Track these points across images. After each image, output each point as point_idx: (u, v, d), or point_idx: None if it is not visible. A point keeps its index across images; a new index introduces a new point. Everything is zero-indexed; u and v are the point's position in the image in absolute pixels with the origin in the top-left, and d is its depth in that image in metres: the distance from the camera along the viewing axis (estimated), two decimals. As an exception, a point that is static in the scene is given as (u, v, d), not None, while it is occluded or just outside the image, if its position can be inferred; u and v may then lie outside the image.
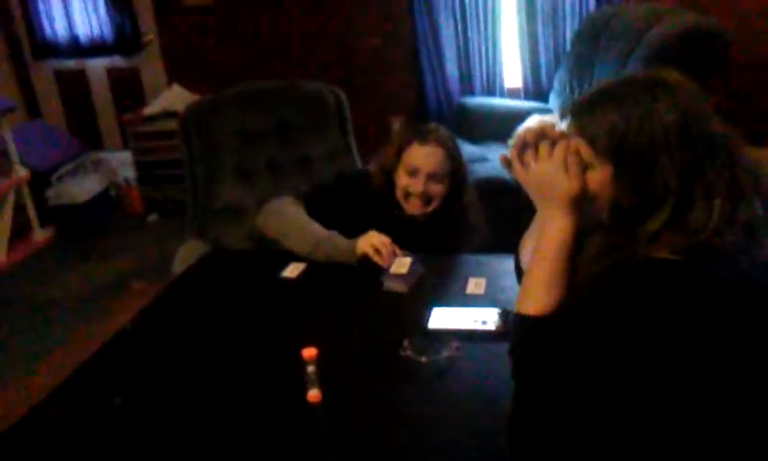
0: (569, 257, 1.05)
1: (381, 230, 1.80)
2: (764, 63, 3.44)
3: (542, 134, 1.08)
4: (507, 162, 1.11)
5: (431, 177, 1.86)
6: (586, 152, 1.02)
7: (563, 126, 1.08)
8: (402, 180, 1.89)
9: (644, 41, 2.98)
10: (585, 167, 1.03)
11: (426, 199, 1.88)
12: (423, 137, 1.88)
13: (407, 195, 1.89)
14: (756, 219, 0.97)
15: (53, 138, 4.62)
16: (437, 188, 1.88)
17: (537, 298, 1.04)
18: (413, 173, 1.87)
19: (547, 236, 1.06)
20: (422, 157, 1.86)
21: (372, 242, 1.75)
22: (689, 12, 3.07)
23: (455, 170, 1.91)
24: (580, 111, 1.05)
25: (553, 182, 1.05)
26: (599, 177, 1.02)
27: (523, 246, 1.30)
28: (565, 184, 1.04)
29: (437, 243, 1.90)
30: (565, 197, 1.05)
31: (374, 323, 1.55)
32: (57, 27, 4.84)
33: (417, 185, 1.86)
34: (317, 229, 1.85)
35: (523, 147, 1.09)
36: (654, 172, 0.96)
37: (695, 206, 0.95)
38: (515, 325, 1.08)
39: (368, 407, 1.24)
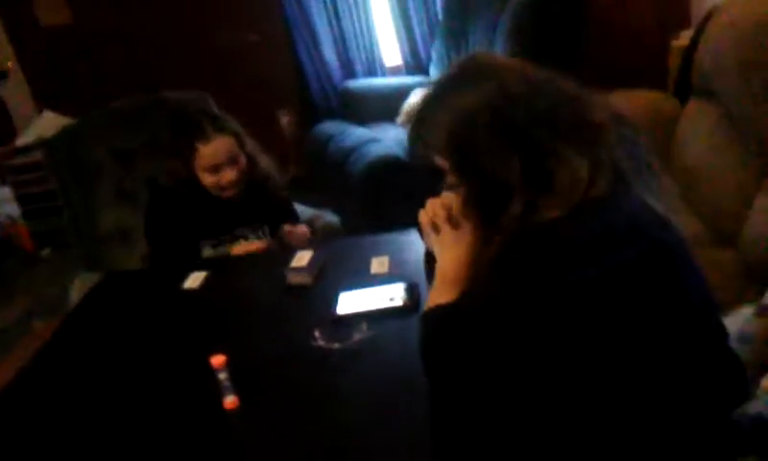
0: None
1: (213, 222, 1.96)
2: (623, 25, 3.56)
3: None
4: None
5: (231, 162, 1.92)
6: (443, 164, 1.01)
7: None
8: (208, 179, 1.92)
9: (509, 6, 3.08)
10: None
11: (237, 181, 1.94)
12: (203, 136, 1.90)
13: (221, 189, 1.93)
14: (623, 163, 0.99)
15: None
16: (241, 165, 1.95)
17: (441, 297, 1.05)
18: (215, 170, 1.91)
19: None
20: (214, 153, 1.90)
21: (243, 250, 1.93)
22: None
23: (239, 137, 1.97)
24: (417, 125, 1.03)
25: (451, 265, 1.07)
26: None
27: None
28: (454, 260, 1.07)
29: (262, 204, 2.03)
30: (455, 276, 1.06)
31: (283, 319, 1.55)
32: None
33: (225, 176, 1.92)
34: None
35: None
36: (486, 158, 0.96)
37: (556, 170, 0.95)
38: (421, 324, 1.07)
39: (285, 404, 1.23)
